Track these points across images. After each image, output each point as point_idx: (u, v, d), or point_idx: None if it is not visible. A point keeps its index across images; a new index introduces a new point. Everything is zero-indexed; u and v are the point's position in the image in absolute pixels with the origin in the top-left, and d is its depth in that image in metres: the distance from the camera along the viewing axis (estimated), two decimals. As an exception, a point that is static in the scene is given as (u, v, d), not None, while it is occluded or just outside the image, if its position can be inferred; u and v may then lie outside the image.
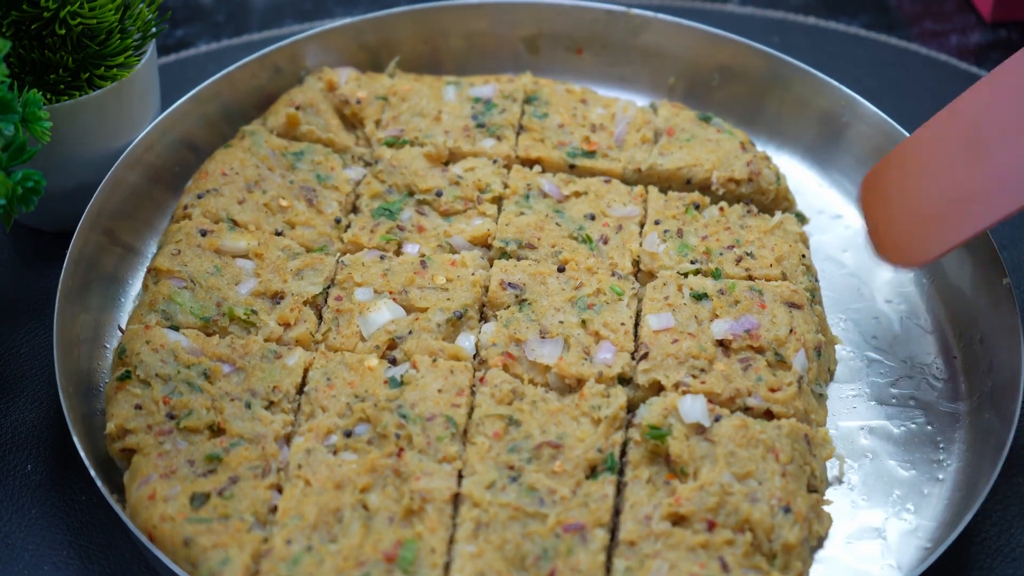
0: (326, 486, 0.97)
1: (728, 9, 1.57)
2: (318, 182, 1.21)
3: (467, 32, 1.37)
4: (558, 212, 1.18)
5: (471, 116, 1.27)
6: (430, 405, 1.02)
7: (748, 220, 1.18)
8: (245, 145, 1.23)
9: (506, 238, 1.15)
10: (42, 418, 1.11)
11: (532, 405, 1.02)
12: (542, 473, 0.97)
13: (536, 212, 1.18)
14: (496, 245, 1.15)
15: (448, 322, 1.08)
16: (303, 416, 1.03)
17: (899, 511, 1.03)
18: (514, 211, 1.18)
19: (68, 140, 1.15)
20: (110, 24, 1.16)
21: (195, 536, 0.93)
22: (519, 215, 1.18)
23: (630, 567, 0.93)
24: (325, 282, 1.12)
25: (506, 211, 1.18)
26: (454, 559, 0.93)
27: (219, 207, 1.16)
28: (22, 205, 1.00)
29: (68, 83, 1.16)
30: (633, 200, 1.20)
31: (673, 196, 1.20)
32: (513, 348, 1.06)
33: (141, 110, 1.21)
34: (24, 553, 1.01)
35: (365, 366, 1.05)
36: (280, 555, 0.93)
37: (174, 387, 1.02)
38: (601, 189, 1.21)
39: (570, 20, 1.37)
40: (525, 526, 0.94)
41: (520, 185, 1.20)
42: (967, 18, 1.57)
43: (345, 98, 1.28)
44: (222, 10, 1.58)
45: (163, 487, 0.96)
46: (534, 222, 1.17)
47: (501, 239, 1.15)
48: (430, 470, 0.97)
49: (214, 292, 1.10)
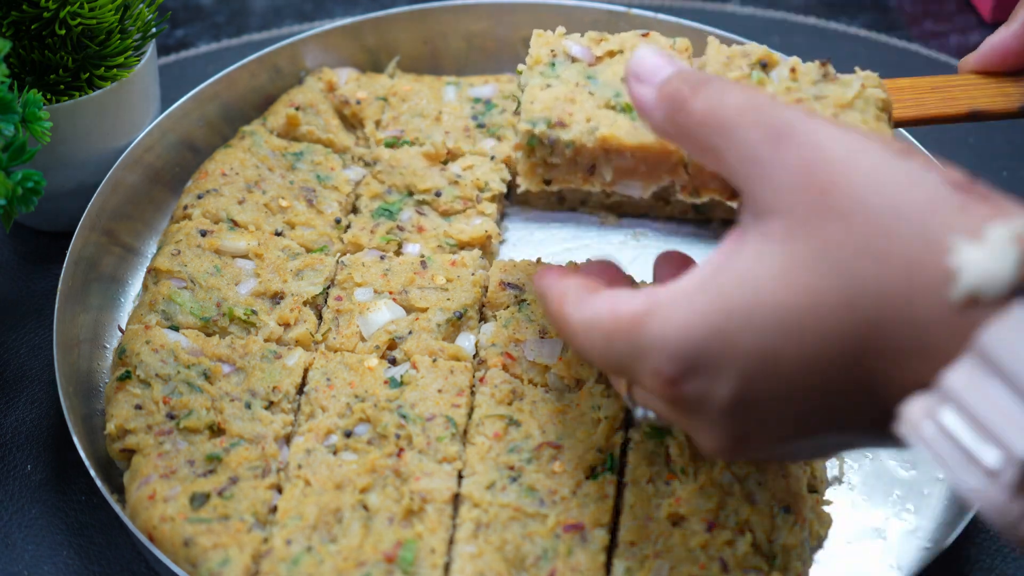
0: (326, 486, 0.97)
1: (728, 9, 1.57)
2: (318, 182, 1.21)
3: (467, 32, 1.37)
4: (590, 79, 0.97)
5: (471, 116, 1.27)
6: (430, 405, 1.02)
7: (824, 87, 0.96)
8: (245, 145, 1.23)
9: (533, 118, 0.93)
10: (42, 418, 1.11)
11: (532, 405, 1.02)
12: (542, 473, 0.97)
13: (564, 81, 0.97)
14: (523, 128, 0.93)
15: (448, 322, 1.08)
16: (303, 416, 1.03)
17: (899, 511, 1.03)
18: (539, 83, 0.97)
19: (68, 140, 1.15)
20: (110, 24, 1.16)
21: (195, 536, 0.93)
22: (545, 88, 0.96)
23: (630, 567, 0.93)
24: (325, 282, 1.12)
25: (530, 85, 0.97)
26: (454, 559, 0.93)
27: (219, 207, 1.16)
28: (22, 205, 1.00)
29: (68, 83, 1.16)
30: (680, 54, 0.99)
31: (736, 51, 0.98)
32: (512, 348, 1.06)
33: (141, 110, 1.21)
34: (24, 553, 1.01)
35: (365, 366, 1.05)
36: (280, 555, 0.93)
37: (174, 387, 1.02)
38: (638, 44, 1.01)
39: (570, 20, 1.36)
40: (525, 526, 0.95)
41: (543, 53, 1.00)
42: (967, 18, 1.57)
43: (345, 98, 1.28)
44: (222, 10, 1.58)
45: (163, 487, 0.96)
46: (563, 94, 0.96)
47: (527, 120, 0.93)
48: (430, 470, 0.97)
49: (214, 292, 1.10)
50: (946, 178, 0.70)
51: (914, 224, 0.68)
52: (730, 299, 0.72)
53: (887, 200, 0.69)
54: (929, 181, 0.70)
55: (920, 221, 0.68)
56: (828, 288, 0.70)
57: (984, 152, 1.38)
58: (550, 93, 0.95)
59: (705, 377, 0.73)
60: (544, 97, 0.95)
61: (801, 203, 0.71)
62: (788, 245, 0.71)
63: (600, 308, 0.81)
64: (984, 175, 1.35)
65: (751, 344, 0.71)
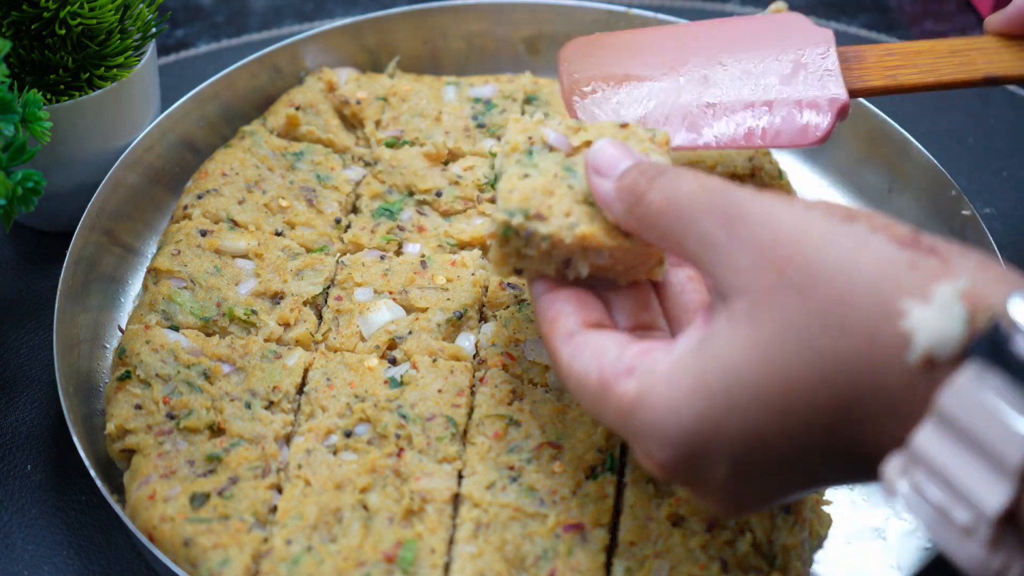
0: (326, 486, 0.97)
1: (728, 9, 1.57)
2: (318, 182, 1.21)
3: (467, 32, 1.37)
4: (568, 171, 0.94)
5: (471, 116, 1.27)
6: (430, 405, 1.02)
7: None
8: (245, 145, 1.23)
9: (510, 208, 0.90)
10: (42, 418, 1.11)
11: (532, 405, 1.02)
12: (542, 473, 0.97)
13: (543, 172, 0.93)
14: (499, 218, 0.90)
15: (448, 322, 1.08)
16: (303, 416, 1.03)
17: (899, 511, 1.03)
18: (517, 172, 0.94)
19: (68, 140, 1.15)
20: (110, 24, 1.16)
21: (195, 536, 0.93)
22: (523, 177, 0.93)
23: (630, 567, 0.93)
24: (325, 282, 1.12)
25: (507, 173, 0.94)
26: (454, 559, 0.93)
27: (219, 207, 1.16)
28: (22, 205, 1.00)
29: (68, 83, 1.16)
30: (659, 147, 0.95)
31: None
32: (512, 348, 1.06)
33: (141, 110, 1.21)
34: (24, 553, 1.02)
35: (365, 366, 1.05)
36: (280, 555, 0.93)
37: (174, 387, 1.02)
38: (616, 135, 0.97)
39: (570, 20, 1.37)
40: (525, 526, 0.95)
41: (520, 139, 0.96)
42: (967, 18, 1.57)
43: (345, 98, 1.28)
44: (222, 11, 1.58)
45: (163, 487, 0.96)
46: (541, 185, 0.92)
47: (504, 210, 0.90)
48: (430, 470, 0.97)
49: (214, 292, 1.10)
50: (892, 236, 0.71)
51: (867, 291, 0.69)
52: (711, 385, 0.74)
53: (839, 269, 0.70)
54: (876, 243, 0.71)
55: (872, 286, 0.69)
56: (799, 365, 0.71)
57: (984, 152, 1.38)
58: (528, 183, 0.92)
59: (696, 462, 0.76)
60: (522, 187, 0.91)
61: (761, 282, 0.73)
62: (755, 325, 0.73)
63: (588, 367, 0.83)
64: (984, 175, 1.35)
65: (736, 428, 0.74)
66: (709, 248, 0.77)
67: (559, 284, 0.91)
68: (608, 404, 0.80)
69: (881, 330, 0.68)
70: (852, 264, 0.70)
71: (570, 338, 0.86)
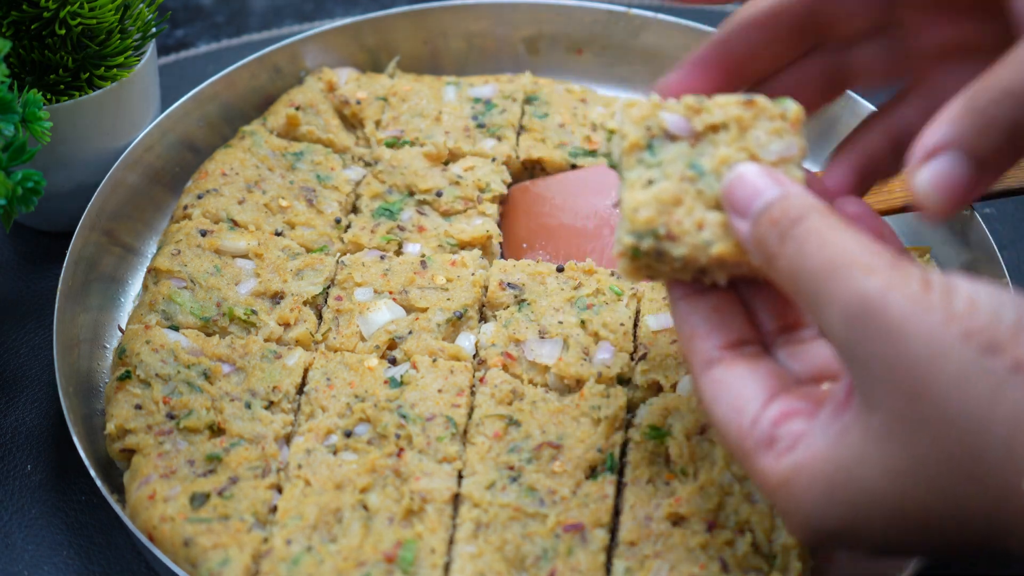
0: (326, 486, 0.97)
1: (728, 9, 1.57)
2: (318, 182, 1.21)
3: (467, 32, 1.37)
4: (695, 168, 0.83)
5: (471, 116, 1.27)
6: (430, 405, 1.02)
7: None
8: (245, 145, 1.23)
9: (638, 230, 0.81)
10: (42, 418, 1.11)
11: (532, 405, 1.02)
12: (542, 473, 0.97)
13: (668, 175, 0.83)
14: (626, 242, 0.82)
15: (448, 322, 1.08)
16: (303, 416, 1.03)
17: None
18: (639, 178, 0.83)
19: (68, 140, 1.15)
20: (110, 24, 1.16)
21: (195, 536, 0.93)
22: (647, 185, 0.82)
23: (630, 567, 0.93)
24: (325, 282, 1.12)
25: (628, 182, 0.83)
26: (454, 559, 0.93)
27: (219, 207, 1.16)
28: (22, 205, 1.00)
29: (68, 83, 1.16)
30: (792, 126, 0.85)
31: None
32: (512, 348, 1.06)
33: (141, 110, 1.21)
34: (24, 553, 1.02)
35: (365, 366, 1.05)
36: (280, 555, 0.93)
37: (174, 387, 1.02)
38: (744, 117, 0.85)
39: (570, 20, 1.37)
40: (525, 526, 0.95)
41: (638, 133, 0.84)
42: (967, 18, 1.57)
43: (345, 98, 1.28)
44: (222, 10, 1.58)
45: (163, 487, 0.96)
46: (669, 194, 0.82)
47: (632, 232, 0.81)
48: (430, 470, 0.97)
49: (214, 292, 1.10)
50: None
51: (1001, 446, 0.67)
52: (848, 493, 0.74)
53: (975, 419, 0.68)
54: (1014, 390, 0.67)
55: (1006, 442, 0.67)
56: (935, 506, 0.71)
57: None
58: (653, 193, 0.82)
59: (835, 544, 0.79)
60: (648, 200, 0.82)
61: (893, 404, 0.71)
62: (888, 450, 0.72)
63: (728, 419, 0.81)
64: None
65: (871, 534, 0.75)
66: (839, 344, 0.73)
67: (697, 289, 0.85)
68: (749, 467, 0.79)
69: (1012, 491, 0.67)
70: (988, 416, 0.67)
71: (709, 368, 0.82)
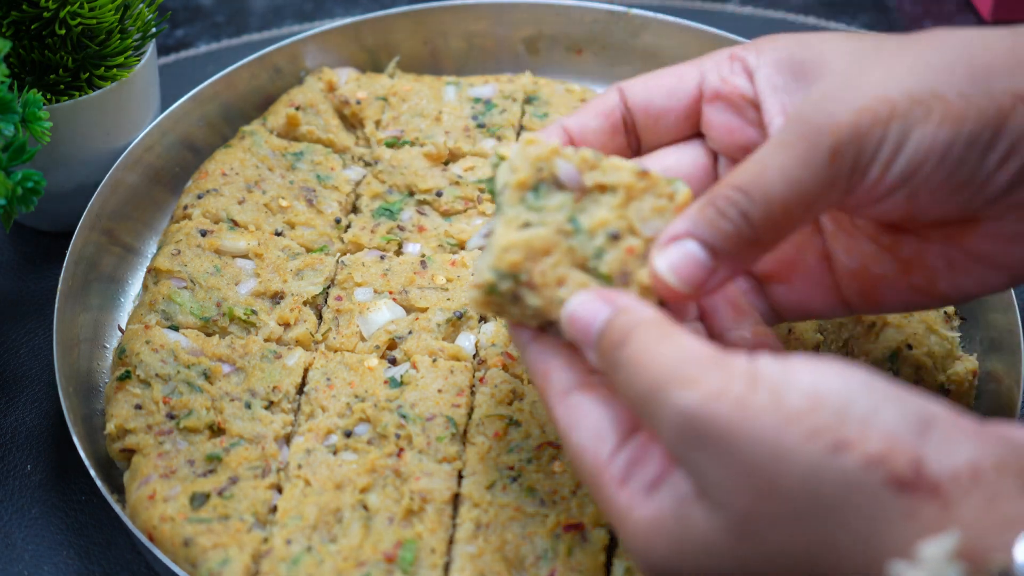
0: (326, 486, 0.97)
1: (728, 9, 1.57)
2: (318, 182, 1.21)
3: (467, 32, 1.37)
4: (573, 223, 0.83)
5: (471, 116, 1.27)
6: (430, 405, 1.02)
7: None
8: (245, 145, 1.23)
9: (500, 270, 0.82)
10: (42, 418, 1.11)
11: (532, 405, 1.02)
12: (542, 473, 0.97)
13: (545, 223, 0.83)
14: (486, 277, 0.82)
15: (448, 322, 1.08)
16: (303, 416, 1.03)
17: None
18: (517, 218, 0.83)
19: (68, 140, 1.15)
20: (110, 24, 1.16)
21: (195, 536, 0.93)
22: (523, 227, 0.83)
23: (630, 567, 0.93)
24: (325, 282, 1.12)
25: (506, 218, 0.83)
26: (454, 559, 0.93)
27: (219, 207, 1.16)
28: (22, 205, 1.00)
29: (68, 83, 1.16)
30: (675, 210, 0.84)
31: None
32: (512, 348, 1.06)
33: (141, 110, 1.21)
34: (24, 553, 1.02)
35: (365, 366, 1.05)
36: (280, 555, 0.93)
37: (174, 387, 1.02)
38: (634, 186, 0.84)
39: (570, 20, 1.37)
40: (525, 526, 0.95)
41: (529, 172, 0.84)
42: (967, 18, 1.57)
43: (345, 98, 1.28)
44: (222, 10, 1.58)
45: (163, 487, 0.96)
46: (541, 242, 0.82)
47: (494, 269, 0.82)
48: (430, 470, 0.97)
49: (214, 292, 1.10)
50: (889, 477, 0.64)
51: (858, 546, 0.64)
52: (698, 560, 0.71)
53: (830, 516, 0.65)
54: (869, 488, 0.64)
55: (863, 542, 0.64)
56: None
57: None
58: (526, 237, 0.82)
59: None
60: (519, 242, 0.82)
61: (738, 505, 0.68)
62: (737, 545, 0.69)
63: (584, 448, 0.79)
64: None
65: None
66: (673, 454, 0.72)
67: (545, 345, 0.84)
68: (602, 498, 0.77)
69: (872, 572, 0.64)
70: (842, 517, 0.64)
71: (566, 395, 0.81)
